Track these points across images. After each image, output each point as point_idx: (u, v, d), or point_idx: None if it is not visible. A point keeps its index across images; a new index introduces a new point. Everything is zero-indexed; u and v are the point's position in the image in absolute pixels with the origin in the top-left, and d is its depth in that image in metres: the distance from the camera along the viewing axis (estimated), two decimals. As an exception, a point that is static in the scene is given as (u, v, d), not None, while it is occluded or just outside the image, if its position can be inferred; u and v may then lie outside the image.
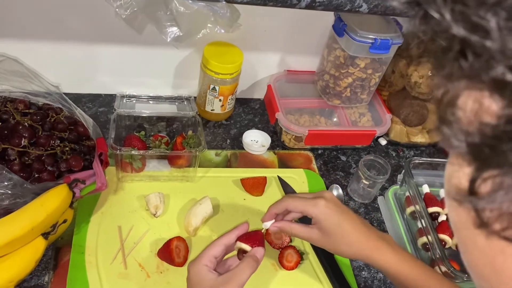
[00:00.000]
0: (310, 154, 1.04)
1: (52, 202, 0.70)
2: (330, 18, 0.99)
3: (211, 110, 1.03)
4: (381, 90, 1.12)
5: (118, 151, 0.81)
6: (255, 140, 1.02)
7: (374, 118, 1.10)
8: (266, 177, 0.92)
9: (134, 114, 0.93)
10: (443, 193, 0.94)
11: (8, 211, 0.70)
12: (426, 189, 0.93)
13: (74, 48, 0.95)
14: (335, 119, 1.10)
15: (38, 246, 0.70)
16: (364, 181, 0.93)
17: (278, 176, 0.94)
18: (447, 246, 0.86)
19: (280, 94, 1.05)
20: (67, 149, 0.80)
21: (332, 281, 0.79)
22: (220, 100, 1.00)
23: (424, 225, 0.83)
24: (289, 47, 1.07)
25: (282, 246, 0.80)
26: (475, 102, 0.25)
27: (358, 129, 1.06)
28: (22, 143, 0.77)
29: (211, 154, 0.97)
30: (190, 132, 0.89)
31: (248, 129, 1.04)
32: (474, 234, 0.28)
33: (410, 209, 0.90)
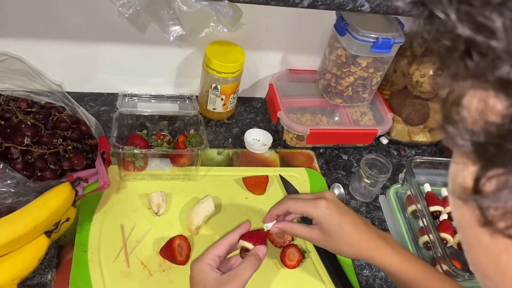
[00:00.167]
0: (311, 153, 1.04)
1: (55, 201, 0.70)
2: (332, 17, 0.99)
3: (213, 109, 1.03)
4: (382, 89, 1.12)
5: (121, 150, 0.81)
6: (257, 139, 1.02)
7: (375, 117, 1.10)
8: (268, 176, 0.92)
9: (136, 113, 0.93)
10: (445, 192, 0.95)
11: (11, 210, 0.70)
12: (427, 188, 0.94)
13: (76, 47, 0.95)
14: (337, 118, 1.11)
15: (41, 245, 0.70)
16: (365, 180, 0.93)
17: (280, 175, 0.95)
18: (449, 245, 0.86)
19: (282, 93, 1.05)
20: (70, 147, 0.80)
21: (334, 279, 0.80)
22: (222, 99, 1.00)
23: (425, 224, 0.83)
24: (291, 46, 1.07)
25: (284, 245, 0.81)
26: (480, 102, 0.25)
27: (360, 128, 1.06)
28: (25, 142, 0.77)
29: (213, 153, 0.98)
30: (192, 131, 0.90)
31: (250, 128, 1.04)
32: (478, 233, 0.28)
33: (411, 208, 0.90)
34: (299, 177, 0.96)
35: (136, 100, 0.98)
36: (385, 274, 0.68)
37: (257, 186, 0.90)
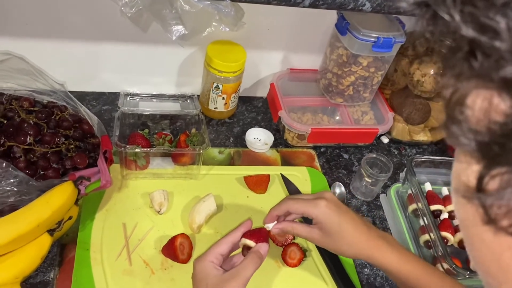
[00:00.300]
0: (312, 152, 1.04)
1: (57, 199, 0.71)
2: (333, 16, 1.00)
3: (214, 108, 1.03)
4: (383, 88, 1.12)
5: (123, 149, 0.81)
6: (258, 138, 1.03)
7: (376, 117, 1.10)
8: (269, 174, 0.92)
9: (138, 112, 0.93)
10: (445, 191, 0.95)
11: (13, 208, 0.70)
12: (428, 187, 0.94)
13: (79, 46, 0.96)
14: (338, 117, 1.11)
15: (43, 243, 0.71)
16: (366, 179, 0.93)
17: (281, 174, 0.95)
18: (449, 244, 0.87)
19: (283, 93, 1.06)
20: (72, 146, 0.81)
21: (335, 278, 0.80)
22: (223, 98, 1.01)
23: (426, 222, 0.84)
24: (292, 46, 1.08)
25: (285, 243, 0.81)
26: (484, 101, 0.25)
27: (361, 127, 1.07)
28: (28, 141, 0.78)
29: (215, 152, 0.98)
30: (193, 130, 0.90)
31: (251, 127, 1.04)
32: (481, 231, 0.29)
33: (412, 207, 0.91)
34: (300, 176, 0.97)
35: (137, 99, 0.99)
36: (385, 273, 0.69)
37: (258, 185, 0.91)
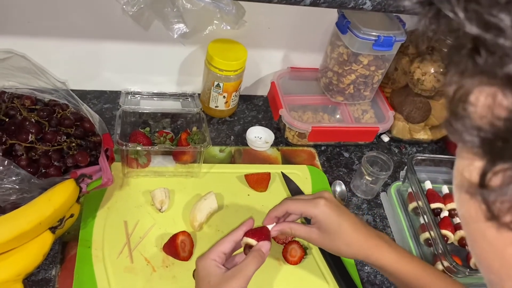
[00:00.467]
0: (313, 150, 1.05)
1: (59, 197, 0.71)
2: (333, 15, 1.00)
3: (215, 107, 1.03)
4: (384, 87, 1.13)
5: (124, 147, 0.81)
6: (259, 136, 1.03)
7: (377, 115, 1.10)
8: (270, 173, 0.92)
9: (139, 110, 0.94)
10: (446, 189, 0.95)
11: (15, 206, 0.70)
12: (428, 185, 0.94)
13: (80, 44, 0.96)
14: (338, 116, 1.11)
15: (45, 240, 0.71)
16: (367, 177, 0.94)
17: (281, 172, 0.95)
18: (449, 242, 0.87)
19: (283, 91, 1.06)
20: (74, 144, 0.81)
21: (335, 275, 0.80)
22: (224, 96, 1.01)
23: (426, 220, 0.84)
24: (292, 44, 1.08)
25: (286, 241, 0.81)
26: (487, 98, 0.25)
27: (361, 125, 1.07)
28: (29, 139, 0.78)
29: (215, 150, 0.98)
30: (194, 128, 0.90)
31: (251, 125, 1.05)
32: (484, 227, 0.29)
33: (412, 205, 0.91)
34: (301, 174, 0.97)
35: (138, 97, 0.99)
36: (382, 273, 0.69)
37: (259, 183, 0.91)
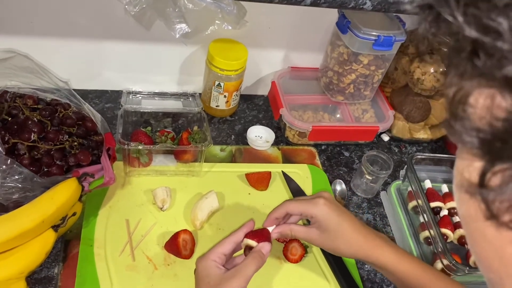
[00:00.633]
0: (313, 149, 1.05)
1: (62, 195, 0.71)
2: (333, 15, 1.00)
3: (216, 106, 1.04)
4: (384, 86, 1.13)
5: (126, 146, 0.82)
6: (260, 135, 1.03)
7: (377, 114, 1.11)
8: (270, 172, 0.93)
9: (140, 110, 0.94)
10: (445, 188, 0.96)
11: (18, 204, 0.71)
12: (428, 184, 0.95)
13: (82, 44, 0.96)
14: (339, 115, 1.12)
15: (48, 239, 0.71)
16: (367, 176, 0.94)
17: (282, 171, 0.96)
18: (449, 240, 0.87)
19: (284, 91, 1.06)
20: (76, 144, 0.82)
21: (335, 273, 0.81)
22: (225, 96, 1.01)
23: (426, 219, 0.85)
24: (293, 44, 1.08)
25: (286, 240, 0.82)
26: (487, 99, 0.26)
27: (361, 125, 1.07)
28: (32, 138, 0.78)
29: (216, 149, 0.99)
30: (195, 127, 0.91)
31: (252, 125, 1.05)
32: (483, 227, 0.29)
33: (412, 203, 0.91)
34: (301, 173, 0.97)
35: (140, 97, 0.99)
36: (381, 273, 0.69)
37: (260, 182, 0.92)
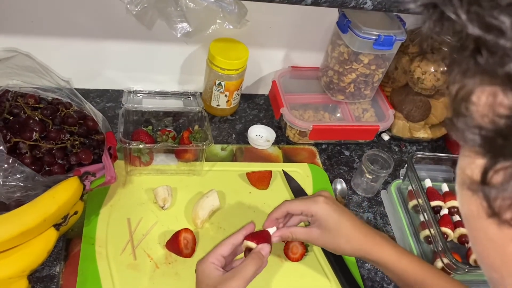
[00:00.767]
0: (314, 148, 1.05)
1: (63, 194, 0.72)
2: (334, 14, 1.00)
3: (217, 106, 1.04)
4: (384, 86, 1.13)
5: (127, 145, 0.82)
6: (260, 135, 1.04)
7: (377, 114, 1.11)
8: (271, 171, 0.93)
9: (141, 109, 0.95)
10: (445, 187, 0.96)
11: (20, 203, 0.71)
12: (428, 183, 0.95)
13: (83, 43, 0.96)
14: (339, 115, 1.12)
15: (49, 237, 0.72)
16: (367, 175, 0.94)
17: (283, 170, 0.96)
18: (449, 239, 0.88)
19: (284, 90, 1.07)
20: (77, 143, 0.82)
21: (336, 272, 0.81)
22: (225, 95, 1.02)
23: (426, 218, 0.85)
24: (293, 44, 1.08)
25: (287, 238, 0.82)
26: (489, 97, 0.26)
27: (362, 124, 1.08)
28: (33, 137, 0.79)
29: (217, 148, 0.99)
30: (196, 126, 0.91)
31: (253, 124, 1.05)
32: (485, 224, 0.29)
33: (412, 202, 0.92)
34: (302, 172, 0.98)
35: (141, 96, 1.00)
36: (381, 270, 0.70)
37: (260, 181, 0.92)
